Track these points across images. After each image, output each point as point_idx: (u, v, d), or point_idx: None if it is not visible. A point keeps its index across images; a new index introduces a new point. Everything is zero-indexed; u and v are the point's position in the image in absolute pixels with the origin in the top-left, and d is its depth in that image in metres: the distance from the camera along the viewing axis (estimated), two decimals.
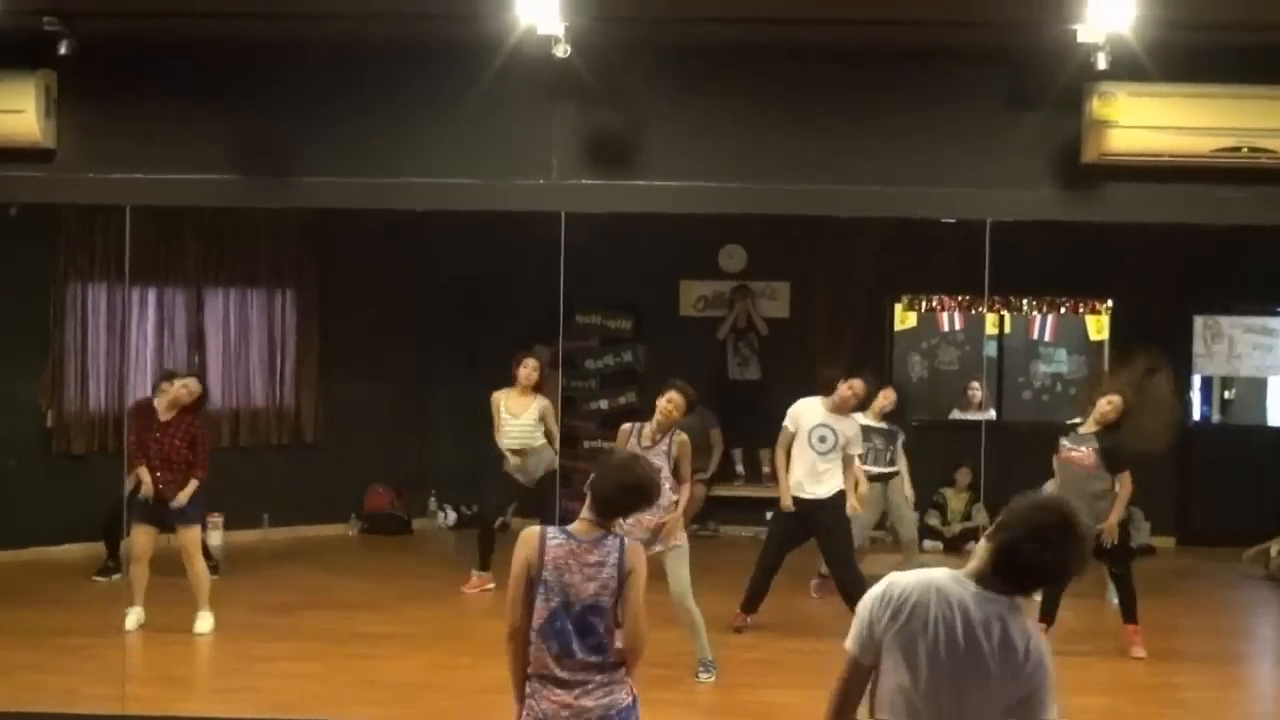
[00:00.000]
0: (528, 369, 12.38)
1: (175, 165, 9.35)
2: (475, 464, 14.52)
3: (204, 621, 10.72)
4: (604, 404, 15.12)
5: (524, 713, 5.62)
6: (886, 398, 12.27)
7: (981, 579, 4.16)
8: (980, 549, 4.19)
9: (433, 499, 15.49)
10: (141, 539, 10.62)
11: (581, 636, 5.49)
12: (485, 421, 14.32)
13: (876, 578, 4.37)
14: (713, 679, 9.63)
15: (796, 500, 10.85)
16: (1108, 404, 10.58)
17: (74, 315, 13.33)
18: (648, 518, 9.35)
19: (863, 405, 11.42)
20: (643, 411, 14.65)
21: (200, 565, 10.80)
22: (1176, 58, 8.65)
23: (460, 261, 14.64)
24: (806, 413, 10.95)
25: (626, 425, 10.04)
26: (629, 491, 5.58)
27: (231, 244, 14.12)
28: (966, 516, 14.38)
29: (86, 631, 10.53)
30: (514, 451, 12.40)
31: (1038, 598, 9.57)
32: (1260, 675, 10.96)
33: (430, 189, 9.37)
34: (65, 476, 12.92)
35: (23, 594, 11.61)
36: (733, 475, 15.27)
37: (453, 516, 15.43)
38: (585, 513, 5.58)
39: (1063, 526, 4.07)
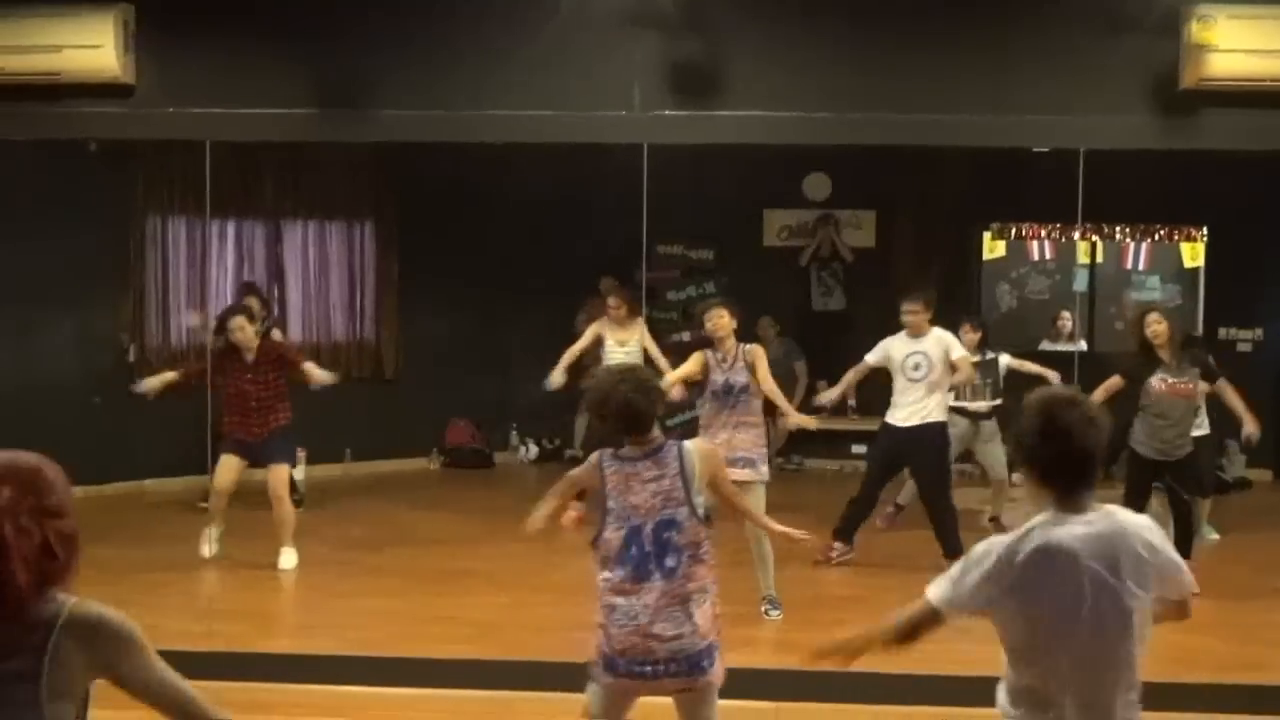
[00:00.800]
0: (613, 306, 12.25)
1: (254, 100, 9.27)
2: (556, 398, 14.45)
3: (288, 558, 10.69)
4: (686, 336, 14.92)
5: (602, 643, 5.57)
6: (970, 335, 11.90)
7: (1059, 506, 4.05)
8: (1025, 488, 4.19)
9: (514, 433, 15.45)
10: (227, 472, 10.64)
11: (660, 558, 5.44)
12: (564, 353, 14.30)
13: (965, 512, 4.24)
14: (780, 616, 9.49)
15: (893, 429, 10.78)
16: (1159, 323, 10.26)
17: (154, 249, 13.36)
18: (740, 437, 9.35)
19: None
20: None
21: (288, 504, 10.76)
22: None
23: (540, 192, 14.45)
24: (896, 345, 10.83)
25: (697, 353, 9.88)
26: (631, 402, 5.54)
27: (309, 177, 14.08)
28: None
29: (171, 566, 10.55)
30: None
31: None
32: None
33: (510, 121, 9.24)
34: (146, 410, 12.92)
35: (108, 530, 11.64)
36: (818, 408, 15.08)
37: (534, 450, 15.39)
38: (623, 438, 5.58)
39: (1069, 398, 4.11)
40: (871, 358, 10.91)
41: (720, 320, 9.66)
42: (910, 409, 10.69)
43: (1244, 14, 8.54)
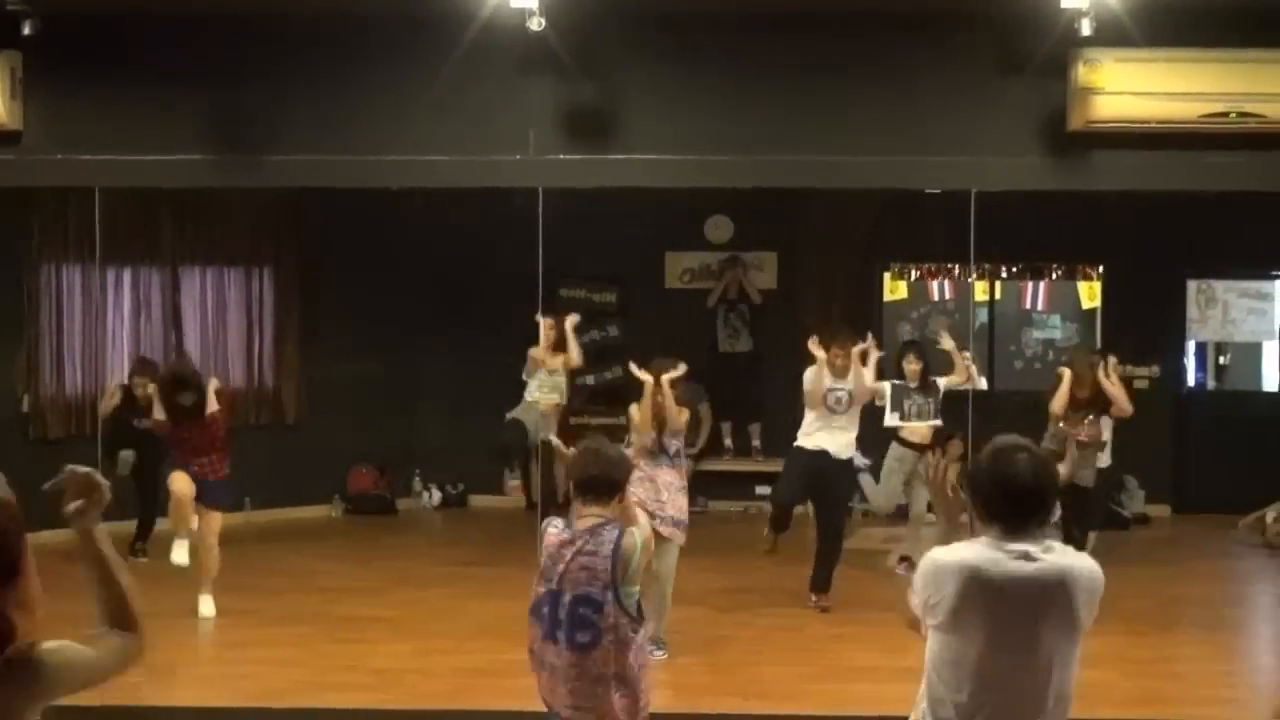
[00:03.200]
0: (548, 330, 12.10)
1: (144, 146, 9.21)
2: (460, 443, 14.40)
3: (207, 605, 10.58)
4: (590, 379, 14.92)
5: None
6: (913, 365, 11.63)
7: (1000, 534, 4.34)
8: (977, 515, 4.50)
9: (417, 478, 15.31)
10: (182, 481, 10.40)
11: (570, 629, 5.45)
12: (468, 399, 14.26)
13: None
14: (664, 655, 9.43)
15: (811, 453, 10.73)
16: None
17: (48, 297, 13.14)
18: (679, 500, 9.39)
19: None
20: (626, 387, 14.64)
21: (216, 551, 10.64)
22: (1162, 22, 8.52)
23: (441, 236, 14.40)
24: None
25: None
26: (589, 473, 5.63)
27: (207, 222, 13.92)
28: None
29: (60, 619, 10.35)
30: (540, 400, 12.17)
31: None
32: (1257, 645, 10.82)
33: (405, 166, 9.24)
34: (43, 462, 12.71)
35: None
36: (721, 449, 15.12)
37: (437, 496, 15.26)
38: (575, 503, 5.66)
39: (1017, 444, 4.43)
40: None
41: None
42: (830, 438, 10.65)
43: (1130, 57, 8.69)
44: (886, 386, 11.27)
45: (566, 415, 13.64)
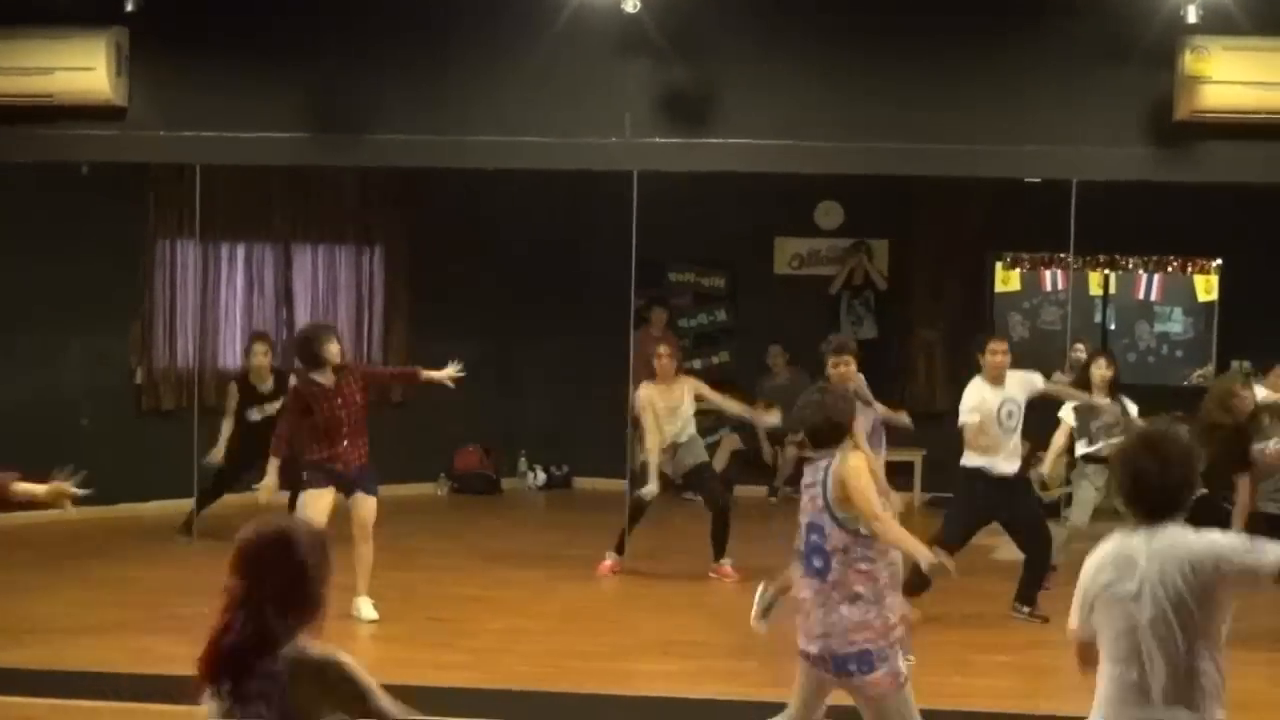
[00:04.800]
0: (663, 355, 11.31)
1: (246, 123, 9.32)
2: (565, 424, 14.45)
3: (368, 607, 9.93)
4: (697, 363, 14.89)
5: None
6: (1104, 372, 10.96)
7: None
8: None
9: (523, 459, 15.40)
10: (319, 503, 9.62)
11: (808, 557, 5.91)
12: (573, 381, 14.31)
13: None
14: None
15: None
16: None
17: (163, 272, 13.38)
18: None
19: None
20: (737, 370, 14.61)
21: (370, 544, 9.91)
22: (1271, 9, 8.32)
23: (548, 217, 14.46)
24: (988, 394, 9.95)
25: None
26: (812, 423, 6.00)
27: (319, 200, 14.08)
28: (1066, 481, 14.01)
29: (167, 589, 10.54)
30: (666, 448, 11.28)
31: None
32: None
33: (500, 147, 9.27)
34: (154, 432, 12.97)
35: (109, 551, 11.68)
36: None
37: (542, 477, 15.33)
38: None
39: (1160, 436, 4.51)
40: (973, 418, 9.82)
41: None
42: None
43: (1238, 46, 8.50)
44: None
45: None
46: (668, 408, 11.20)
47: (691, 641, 9.42)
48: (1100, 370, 10.86)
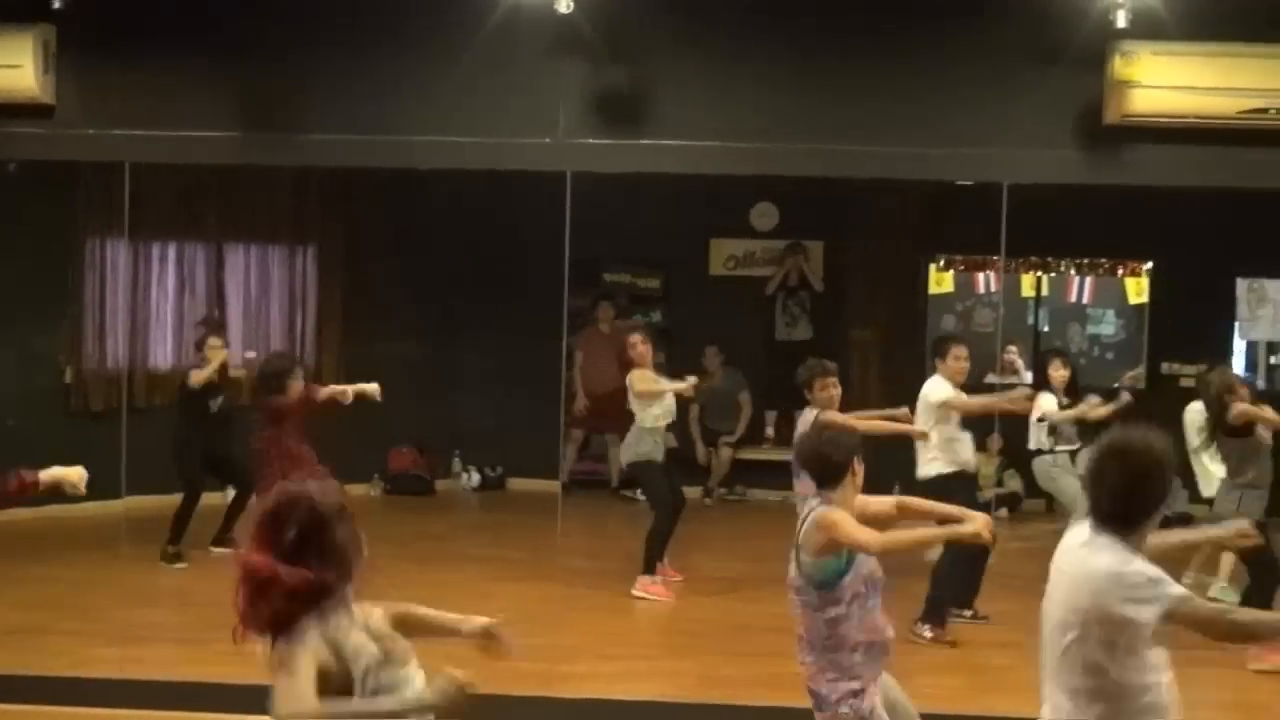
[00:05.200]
0: (639, 342, 11.07)
1: (176, 122, 9.26)
2: (500, 425, 14.40)
3: None
4: None
5: None
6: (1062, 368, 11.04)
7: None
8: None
9: (457, 460, 15.34)
10: None
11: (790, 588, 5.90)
12: (508, 381, 14.28)
13: None
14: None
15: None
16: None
17: (93, 271, 13.23)
18: None
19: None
20: (671, 371, 14.59)
21: None
22: (1200, 15, 8.41)
23: (482, 218, 14.42)
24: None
25: None
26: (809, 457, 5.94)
27: (251, 200, 13.96)
28: (998, 483, 14.11)
29: (96, 591, 10.45)
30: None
31: None
32: None
33: (434, 147, 9.24)
34: (83, 433, 12.83)
35: (38, 553, 11.55)
36: (761, 438, 15.05)
37: (476, 478, 15.28)
38: None
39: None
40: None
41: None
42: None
43: (1167, 51, 8.58)
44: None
45: None
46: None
47: (628, 642, 9.42)
48: (1056, 371, 10.95)
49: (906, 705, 5.96)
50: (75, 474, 7.03)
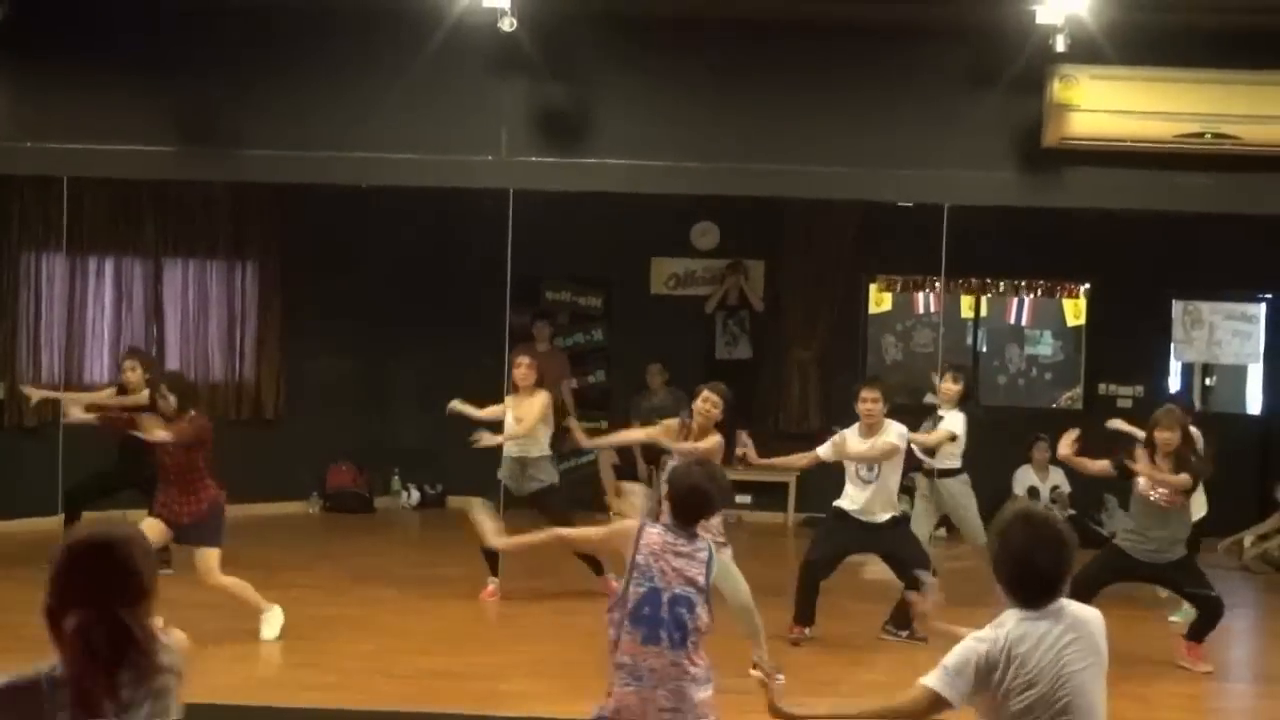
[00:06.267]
0: (520, 369, 11.18)
1: (114, 136, 9.20)
2: (439, 443, 14.36)
3: (270, 625, 9.83)
4: (573, 383, 14.90)
5: (608, 701, 5.78)
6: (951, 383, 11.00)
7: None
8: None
9: (396, 477, 15.30)
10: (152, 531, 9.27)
11: (670, 627, 5.66)
12: (448, 400, 14.19)
13: None
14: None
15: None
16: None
17: (27, 286, 13.13)
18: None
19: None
20: (612, 390, 14.63)
21: (228, 581, 9.73)
22: (1138, 41, 8.50)
23: (423, 235, 14.43)
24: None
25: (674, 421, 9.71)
26: (692, 493, 5.81)
27: (190, 214, 13.91)
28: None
29: (29, 609, 10.32)
30: (511, 458, 11.26)
31: None
32: (1228, 671, 10.69)
33: (375, 164, 9.23)
34: (16, 448, 12.72)
35: None
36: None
37: (416, 496, 15.23)
38: (666, 518, 5.84)
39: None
40: (824, 451, 10.01)
41: (708, 405, 9.42)
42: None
43: (1105, 75, 8.66)
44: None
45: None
46: (515, 417, 11.10)
47: (562, 661, 9.40)
48: (947, 385, 10.91)
49: None
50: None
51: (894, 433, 9.79)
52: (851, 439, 9.83)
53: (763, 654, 9.00)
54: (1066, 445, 9.51)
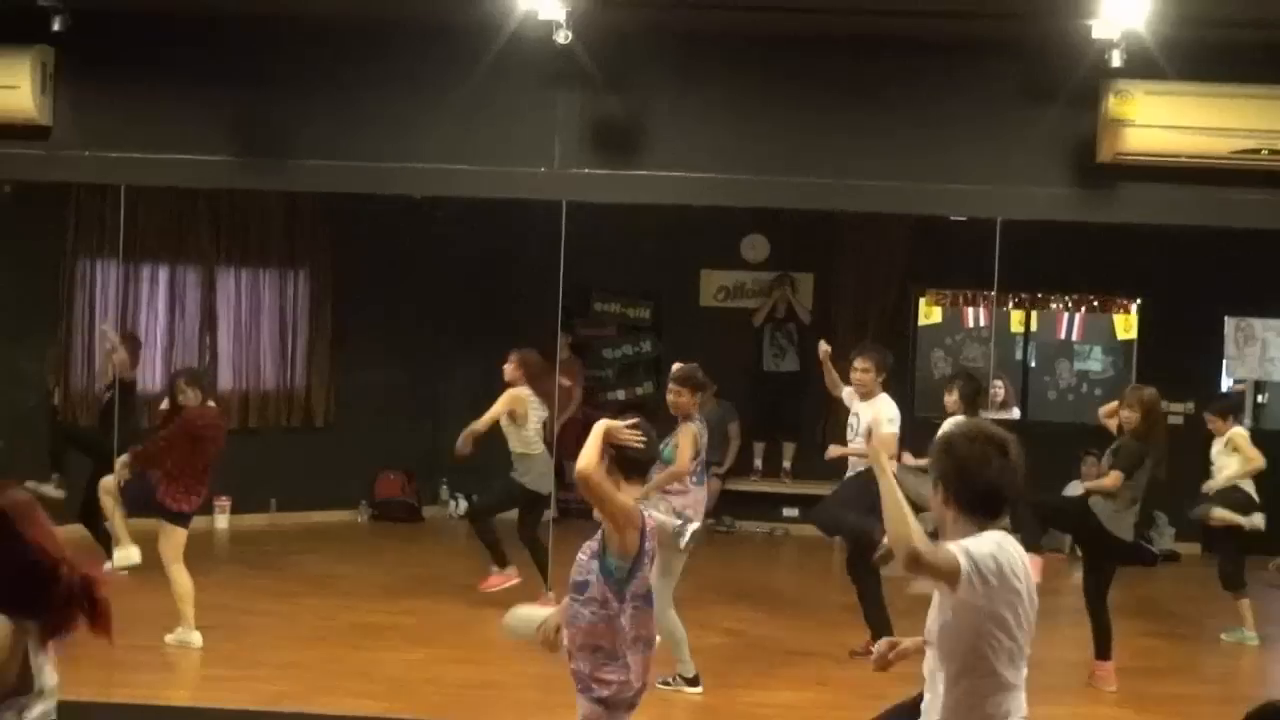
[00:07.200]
0: (509, 365, 11.51)
1: (172, 145, 9.27)
2: (487, 452, 14.37)
3: (184, 638, 9.91)
4: (620, 394, 14.92)
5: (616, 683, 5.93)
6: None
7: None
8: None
9: (444, 487, 15.33)
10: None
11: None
12: None
13: None
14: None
15: None
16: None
17: (83, 292, 13.25)
18: (675, 499, 9.22)
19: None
20: (660, 403, 14.61)
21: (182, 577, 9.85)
22: (1194, 56, 8.45)
23: (475, 245, 14.48)
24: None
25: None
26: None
27: (244, 224, 14.01)
28: None
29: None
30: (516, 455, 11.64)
31: None
32: (1274, 688, 10.63)
33: (428, 175, 9.26)
34: (72, 453, 12.78)
35: None
36: (750, 469, 15.05)
37: (463, 505, 15.25)
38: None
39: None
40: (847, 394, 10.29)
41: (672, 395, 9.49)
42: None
43: (1161, 90, 8.61)
44: None
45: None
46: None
47: None
48: (950, 394, 10.72)
49: None
50: None
51: (885, 417, 9.78)
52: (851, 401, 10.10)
53: None
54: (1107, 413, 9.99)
